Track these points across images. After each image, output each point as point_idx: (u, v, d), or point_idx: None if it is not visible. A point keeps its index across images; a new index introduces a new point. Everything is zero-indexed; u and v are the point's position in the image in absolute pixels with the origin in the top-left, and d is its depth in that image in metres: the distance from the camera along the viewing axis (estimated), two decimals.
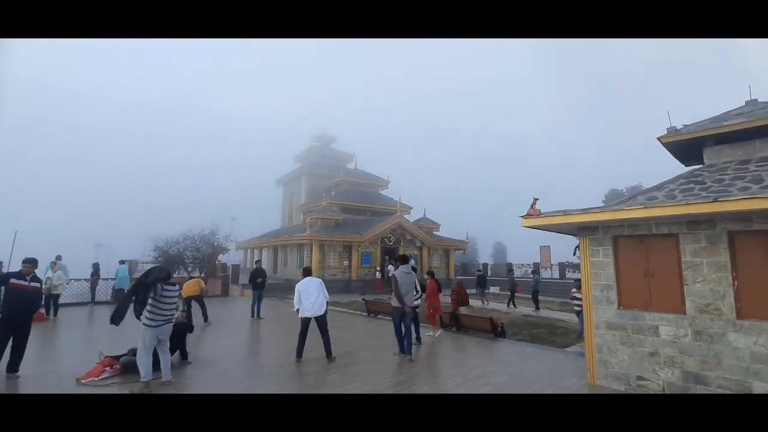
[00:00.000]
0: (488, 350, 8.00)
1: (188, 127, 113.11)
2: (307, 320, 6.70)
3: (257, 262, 13.72)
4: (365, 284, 23.06)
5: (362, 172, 33.52)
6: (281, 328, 10.54)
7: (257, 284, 11.71)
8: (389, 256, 25.37)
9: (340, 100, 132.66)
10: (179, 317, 6.07)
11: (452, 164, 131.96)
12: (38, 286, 6.10)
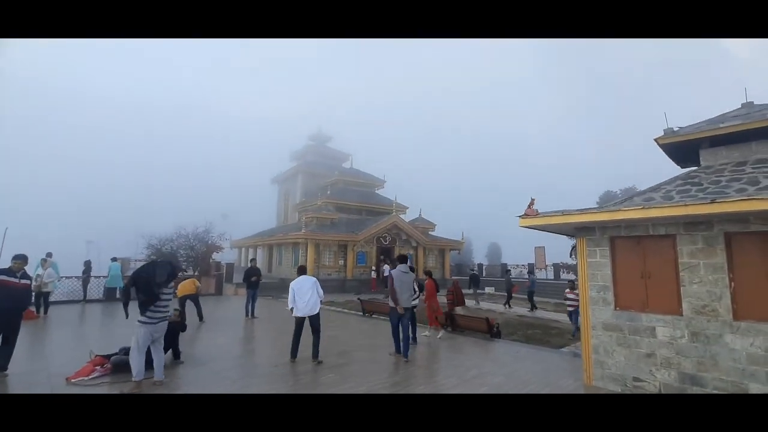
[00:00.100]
0: (484, 350, 7.99)
1: (188, 127, 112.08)
2: (301, 320, 6.64)
3: (252, 260, 13.62)
4: (360, 284, 23.02)
5: (358, 171, 33.47)
6: (275, 327, 10.46)
7: (251, 283, 11.59)
8: (384, 255, 25.36)
9: (340, 100, 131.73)
10: (172, 316, 5.98)
11: (452, 164, 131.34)
12: (28, 283, 5.99)
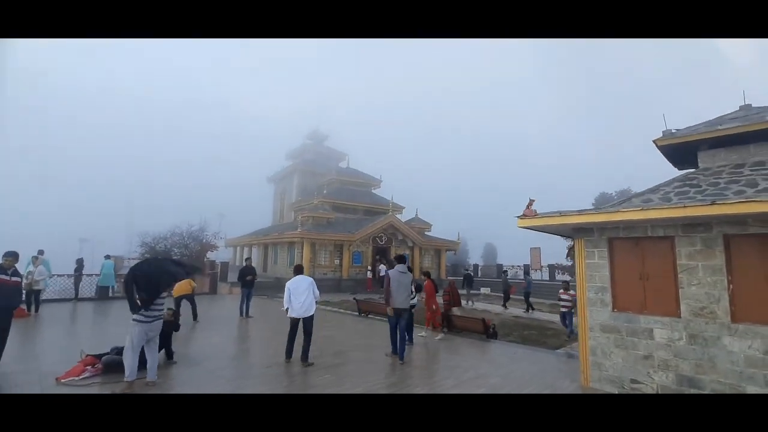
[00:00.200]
0: (480, 351, 7.95)
1: (188, 126, 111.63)
2: (296, 320, 6.55)
3: (247, 259, 13.51)
4: (356, 283, 22.95)
5: (355, 170, 33.36)
6: (270, 327, 10.37)
7: (246, 282, 11.48)
8: (380, 255, 25.31)
9: (340, 100, 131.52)
10: (166, 315, 5.88)
11: (452, 164, 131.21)
12: (18, 280, 5.87)
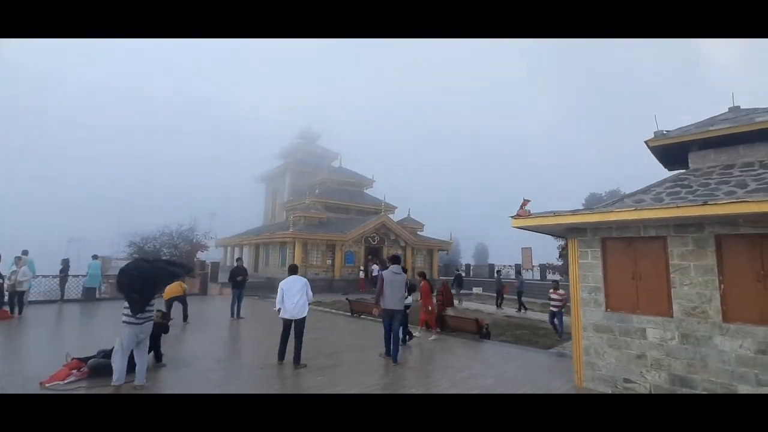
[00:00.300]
0: (474, 351, 7.94)
1: (188, 127, 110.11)
2: (289, 322, 6.45)
3: (238, 260, 13.34)
4: (348, 284, 22.84)
5: (347, 170, 33.25)
6: (262, 327, 10.25)
7: (237, 283, 11.32)
8: (373, 255, 25.24)
9: (340, 99, 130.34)
10: (155, 317, 5.75)
11: (452, 164, 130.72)
12: (1, 282, 5.70)
